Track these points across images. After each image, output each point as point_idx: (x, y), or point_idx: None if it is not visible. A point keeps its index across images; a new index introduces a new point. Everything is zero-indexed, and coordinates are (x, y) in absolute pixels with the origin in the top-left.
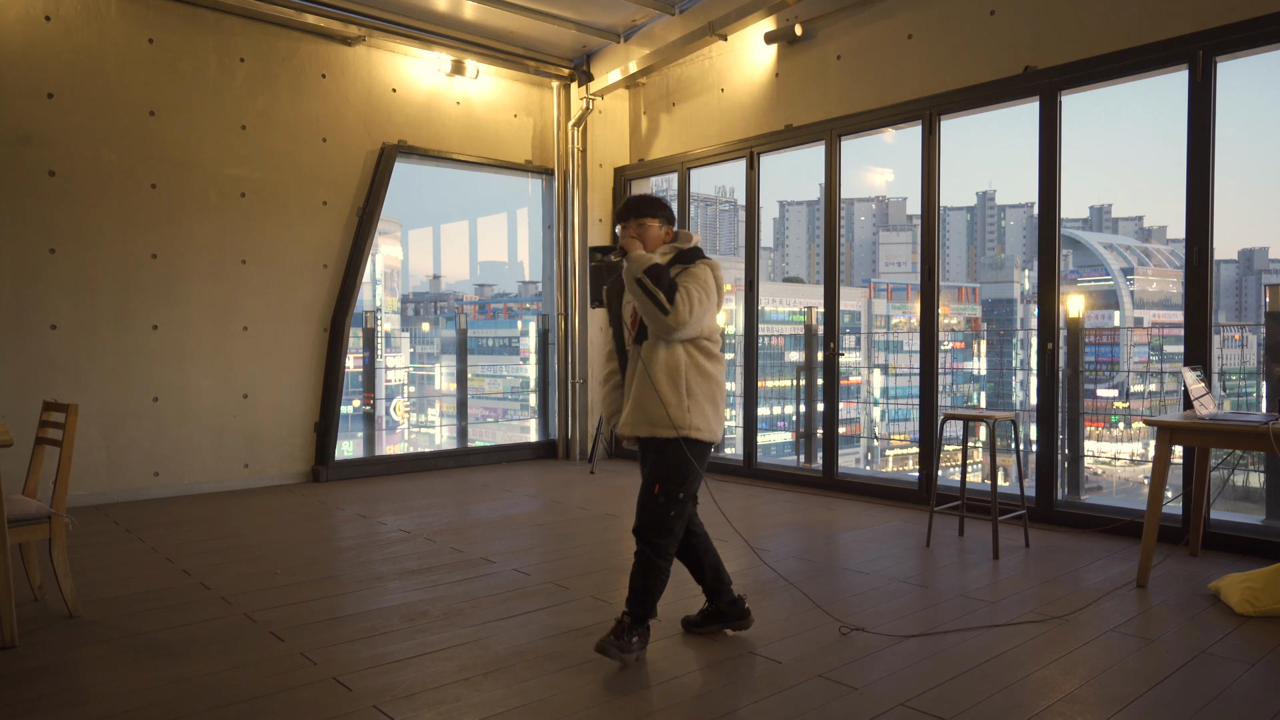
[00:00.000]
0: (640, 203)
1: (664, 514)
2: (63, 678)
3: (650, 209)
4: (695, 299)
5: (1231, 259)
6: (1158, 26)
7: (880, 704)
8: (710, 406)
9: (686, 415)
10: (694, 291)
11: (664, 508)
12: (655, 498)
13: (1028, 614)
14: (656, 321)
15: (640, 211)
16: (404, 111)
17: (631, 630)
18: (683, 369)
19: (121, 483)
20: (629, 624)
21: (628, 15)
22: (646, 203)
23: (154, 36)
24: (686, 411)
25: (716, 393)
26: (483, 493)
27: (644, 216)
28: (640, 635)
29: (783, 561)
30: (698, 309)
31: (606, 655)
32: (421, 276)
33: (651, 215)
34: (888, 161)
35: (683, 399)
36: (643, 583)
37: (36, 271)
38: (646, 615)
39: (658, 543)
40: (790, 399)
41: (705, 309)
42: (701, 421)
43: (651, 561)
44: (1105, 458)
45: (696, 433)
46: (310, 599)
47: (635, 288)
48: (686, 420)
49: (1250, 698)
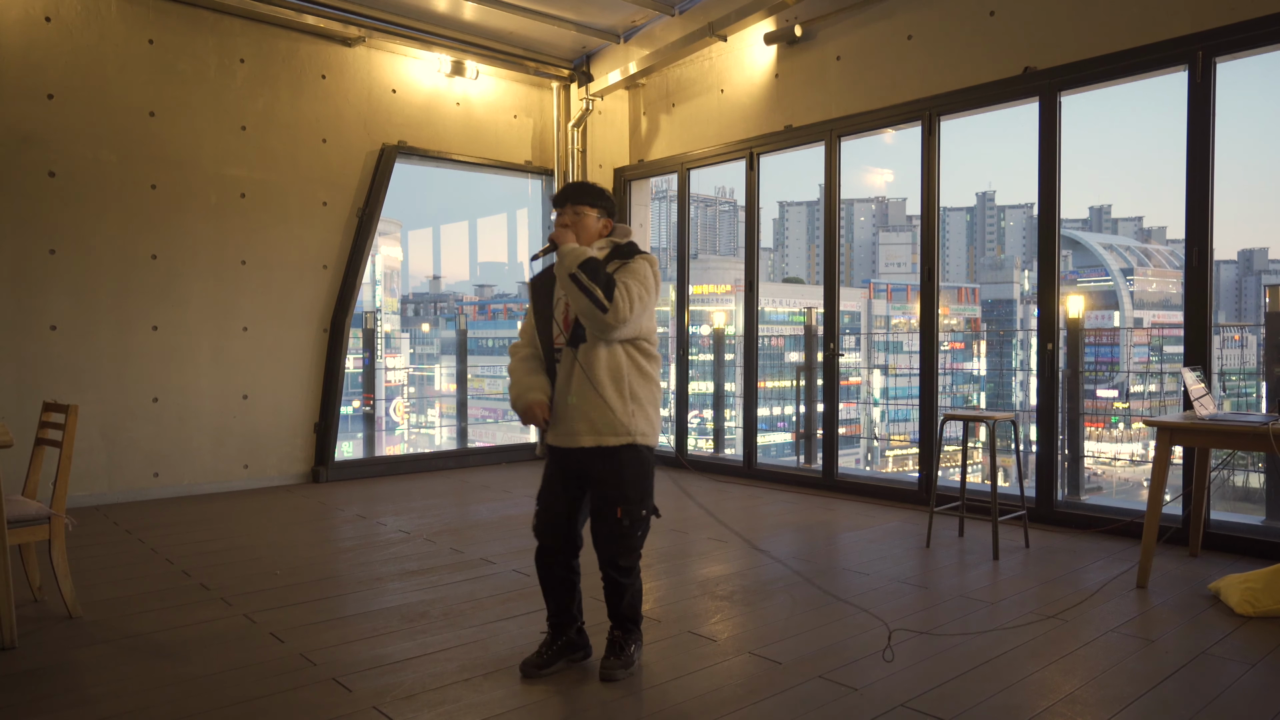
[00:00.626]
0: (578, 189)
1: (630, 537)
2: (62, 678)
3: (589, 197)
4: (635, 295)
5: (1231, 259)
6: (1157, 27)
7: (880, 704)
8: (653, 409)
9: (632, 419)
10: (634, 288)
11: (630, 530)
12: (619, 523)
13: (1028, 614)
14: (594, 320)
15: (577, 198)
16: (404, 112)
17: (626, 642)
18: (625, 371)
19: (121, 483)
20: (621, 638)
21: (627, 16)
22: (585, 190)
23: (154, 37)
24: (631, 416)
25: (657, 395)
26: (482, 493)
27: (581, 204)
28: (636, 644)
29: (783, 562)
30: (638, 306)
31: (615, 680)
32: (421, 277)
33: (590, 204)
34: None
35: (627, 402)
36: (622, 603)
37: (36, 272)
38: (639, 624)
39: (627, 566)
40: (790, 399)
41: (645, 306)
42: (646, 425)
43: (622, 585)
44: (1105, 458)
45: (643, 438)
46: (310, 600)
47: (570, 284)
48: (633, 424)
49: (1250, 698)
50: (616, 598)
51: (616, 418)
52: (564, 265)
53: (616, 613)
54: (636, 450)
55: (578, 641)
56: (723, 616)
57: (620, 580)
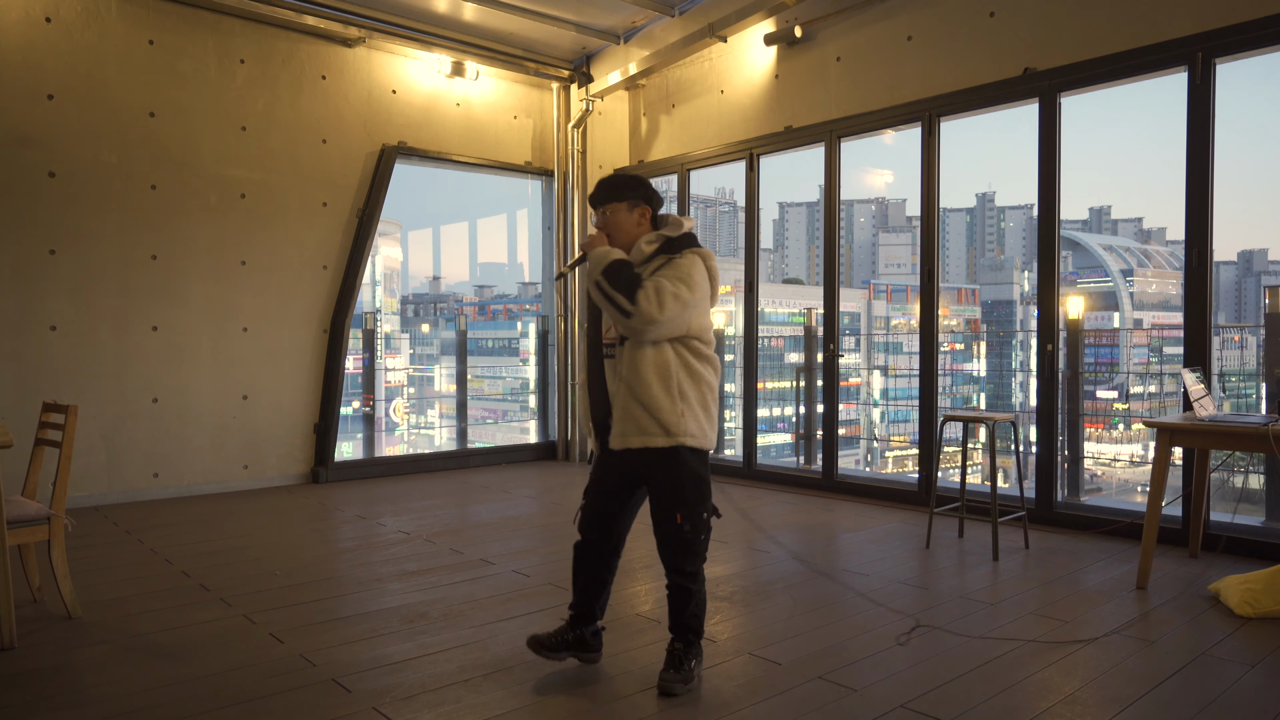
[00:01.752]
0: (603, 188)
1: (693, 541)
2: (62, 679)
3: (618, 191)
4: (668, 294)
5: (1231, 260)
6: (1157, 28)
7: (880, 705)
8: (703, 411)
9: (681, 420)
10: (667, 286)
11: (691, 535)
12: (679, 529)
13: (1027, 615)
14: (621, 325)
15: (606, 197)
16: (404, 113)
17: (687, 655)
18: (673, 369)
19: (121, 484)
20: (682, 651)
21: (627, 17)
22: (614, 185)
23: (154, 38)
24: (681, 416)
25: (709, 397)
26: (482, 494)
27: (609, 202)
28: (698, 660)
29: (782, 563)
30: (671, 305)
31: (673, 695)
32: (421, 278)
33: (618, 199)
34: (887, 163)
35: (675, 402)
36: (687, 612)
37: (36, 272)
38: (700, 636)
39: (692, 571)
40: (790, 400)
41: (684, 305)
42: (696, 427)
43: (689, 590)
44: (1105, 459)
45: (692, 439)
46: (310, 600)
47: (595, 292)
48: (681, 425)
49: (1250, 699)
50: (681, 604)
51: (664, 418)
52: (590, 274)
53: (679, 622)
54: (689, 453)
55: (592, 643)
56: (723, 617)
57: (687, 586)
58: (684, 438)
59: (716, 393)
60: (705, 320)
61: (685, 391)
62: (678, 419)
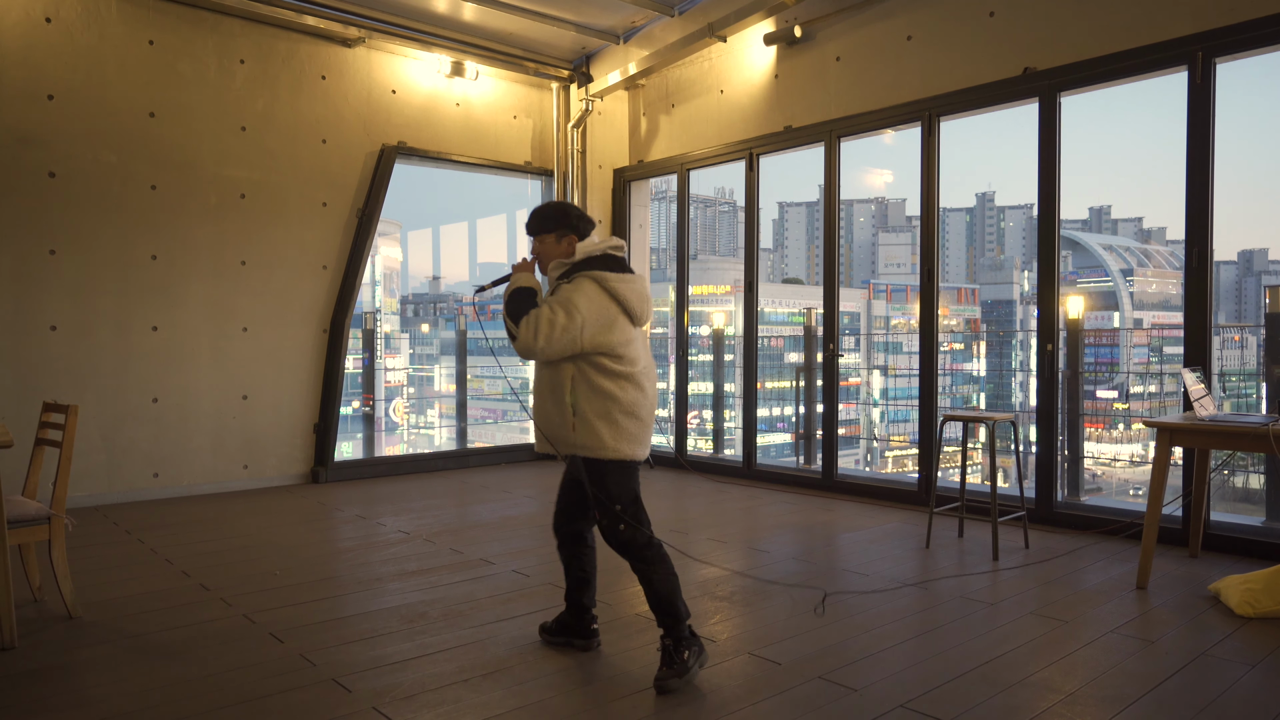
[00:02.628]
0: (532, 218)
1: (613, 532)
2: (62, 679)
3: (542, 223)
4: (544, 320)
5: (1231, 260)
6: (1157, 28)
7: (880, 705)
8: (605, 424)
9: (573, 433)
10: (545, 314)
11: (609, 528)
12: (600, 522)
13: (1027, 615)
14: (515, 348)
15: (533, 228)
16: (403, 113)
17: (677, 650)
18: (566, 387)
19: (121, 484)
20: (671, 647)
21: (627, 17)
22: (539, 216)
23: (154, 38)
24: (571, 430)
25: (614, 410)
26: (482, 494)
27: (538, 233)
28: (690, 650)
29: (782, 563)
30: (545, 330)
31: (669, 692)
32: (421, 277)
33: (545, 230)
34: (887, 163)
35: (566, 415)
36: (657, 593)
37: (36, 273)
38: (680, 623)
39: (637, 553)
40: (790, 400)
41: (563, 330)
42: (591, 439)
43: (646, 571)
44: (1105, 459)
45: (586, 450)
46: (310, 600)
47: (504, 314)
48: (571, 438)
49: (1250, 699)
50: (644, 587)
51: (553, 432)
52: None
53: (652, 604)
54: (588, 462)
55: (577, 627)
56: (723, 617)
57: (638, 568)
58: (577, 450)
59: (631, 409)
60: (608, 337)
61: (580, 407)
62: (568, 432)
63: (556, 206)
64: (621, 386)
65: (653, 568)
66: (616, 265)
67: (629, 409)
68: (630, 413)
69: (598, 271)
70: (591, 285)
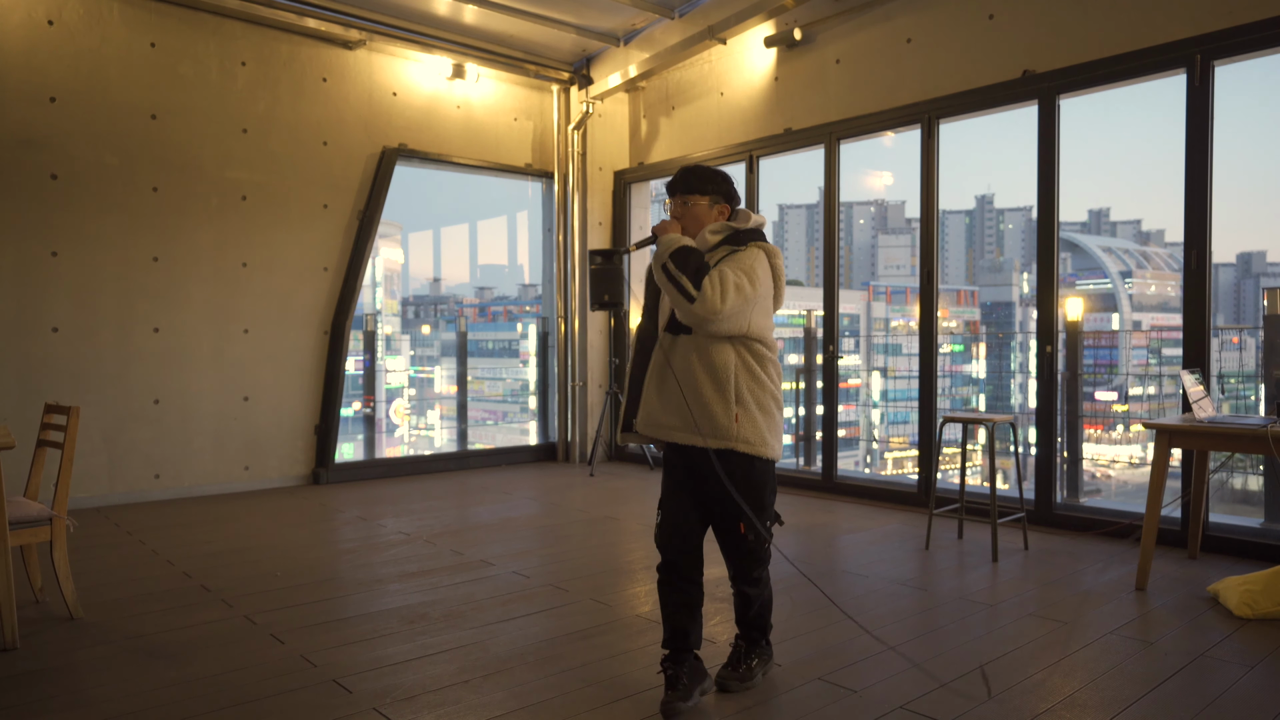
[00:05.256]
0: (685, 176)
1: (757, 551)
2: (64, 680)
3: (699, 184)
4: (731, 285)
5: (1230, 262)
6: (1155, 31)
7: (880, 707)
8: (763, 416)
9: (734, 425)
10: (730, 276)
11: (756, 545)
12: (743, 539)
13: (1027, 617)
14: (683, 311)
15: (687, 187)
16: (404, 115)
17: (748, 654)
18: (731, 370)
19: (122, 485)
20: (744, 650)
21: (627, 19)
22: (695, 176)
23: (155, 40)
24: (734, 420)
25: (770, 403)
26: (482, 495)
27: (691, 193)
28: (760, 658)
29: (782, 564)
30: (733, 297)
31: (728, 690)
32: (422, 279)
33: (700, 192)
34: (887, 165)
35: (730, 405)
36: (759, 613)
37: (38, 274)
38: (765, 634)
39: (757, 576)
40: (789, 401)
41: (745, 298)
42: (752, 433)
43: (748, 596)
44: (1104, 460)
45: (746, 445)
46: (310, 601)
47: (660, 274)
48: (733, 430)
49: (1249, 700)
50: (742, 609)
51: (717, 421)
52: (658, 256)
53: (743, 620)
54: (742, 459)
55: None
56: (723, 619)
57: (745, 591)
58: (736, 443)
59: (780, 400)
60: (766, 321)
61: (742, 395)
62: (730, 423)
63: (714, 170)
64: (773, 377)
65: (765, 589)
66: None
67: (780, 402)
68: (780, 406)
69: (767, 244)
70: (765, 258)
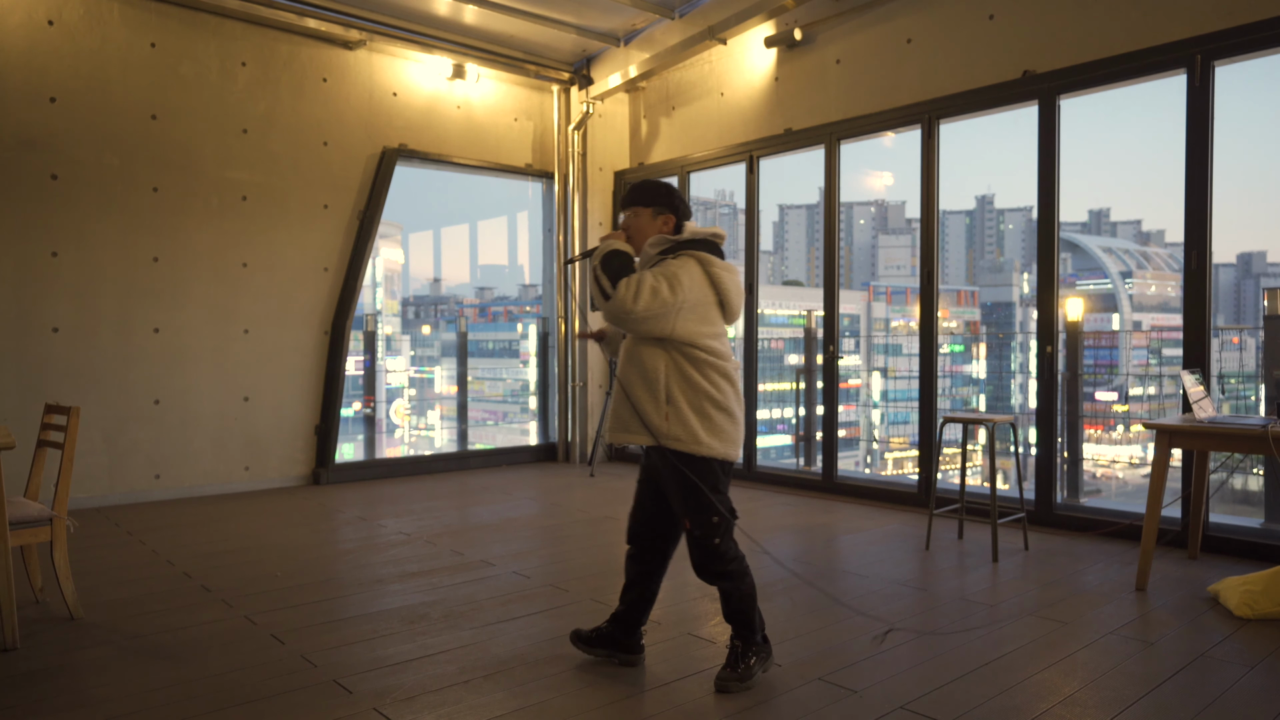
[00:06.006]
0: (632, 190)
1: (706, 545)
2: (64, 680)
3: (642, 197)
4: (647, 288)
5: (1230, 263)
6: (1156, 31)
7: (880, 707)
8: (698, 418)
9: (665, 424)
10: (649, 280)
11: (702, 539)
12: (690, 534)
13: (1027, 617)
14: (603, 310)
15: (632, 200)
16: (405, 115)
17: (745, 653)
18: (662, 374)
19: (123, 485)
20: (740, 649)
21: (628, 19)
22: (639, 190)
23: (156, 41)
24: (665, 420)
25: (708, 406)
26: (482, 496)
27: (635, 205)
28: (758, 656)
29: (779, 564)
30: (646, 298)
31: (727, 691)
32: (422, 280)
33: (644, 204)
34: (887, 165)
35: (660, 405)
36: (738, 608)
37: (38, 275)
38: (756, 632)
39: (717, 571)
40: (790, 402)
41: (665, 303)
42: (683, 431)
43: (731, 588)
44: (1104, 461)
45: (678, 443)
46: (311, 601)
47: (590, 276)
48: (665, 428)
49: (1249, 701)
50: (724, 604)
51: (648, 420)
52: (593, 260)
53: (727, 616)
54: (677, 456)
55: (629, 644)
56: (722, 619)
57: (718, 586)
58: (668, 440)
59: (725, 404)
60: (701, 327)
61: (674, 396)
62: (661, 421)
63: (660, 184)
64: (714, 380)
65: (738, 583)
66: (716, 252)
67: (723, 404)
68: (724, 408)
69: (703, 253)
70: (696, 266)
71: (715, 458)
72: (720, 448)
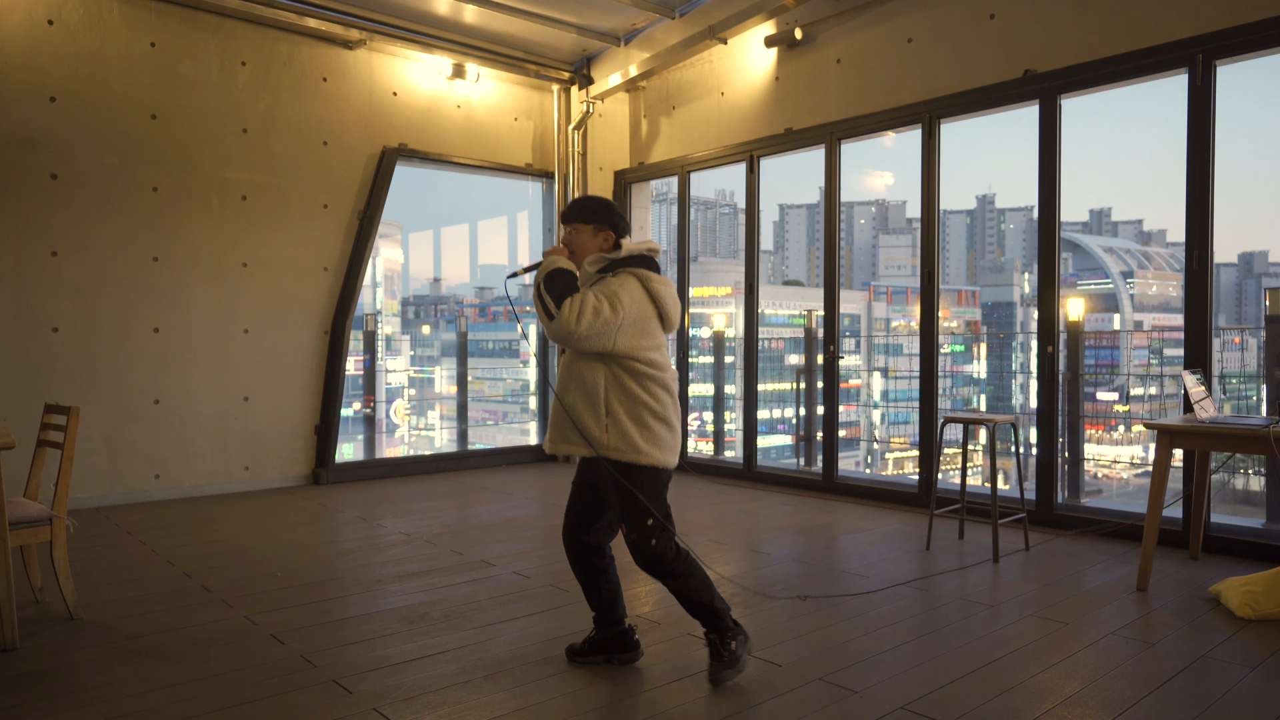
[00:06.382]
0: (572, 207)
1: (643, 548)
2: (64, 680)
3: (583, 214)
4: (590, 308)
5: (1231, 262)
6: (1157, 30)
7: (881, 707)
8: (636, 428)
9: (604, 435)
10: (591, 300)
11: (639, 543)
12: (628, 537)
13: (1028, 617)
14: (547, 330)
15: (573, 216)
16: (405, 115)
17: (723, 644)
18: (601, 387)
19: (122, 485)
20: (717, 641)
21: (628, 19)
22: (580, 207)
23: (156, 40)
24: (605, 431)
25: (646, 415)
26: (482, 496)
27: (576, 222)
28: (737, 640)
29: (782, 565)
30: (589, 318)
31: (722, 684)
32: (422, 279)
33: (584, 220)
34: (887, 165)
35: (600, 417)
36: (693, 603)
37: (38, 274)
38: (723, 619)
39: (661, 571)
40: (790, 402)
41: (606, 322)
42: (621, 441)
43: (680, 586)
44: (1105, 461)
45: (616, 453)
46: (310, 601)
47: (534, 295)
48: (604, 440)
49: (1250, 701)
50: (680, 601)
51: (586, 431)
52: (536, 278)
53: (691, 613)
54: (614, 465)
55: (620, 642)
56: None
57: (666, 585)
58: (607, 450)
59: (663, 414)
60: (641, 341)
61: (613, 408)
62: (601, 433)
63: (600, 200)
64: (653, 392)
65: (685, 581)
66: (653, 267)
67: (661, 414)
68: (662, 418)
69: (641, 270)
70: (635, 283)
71: (653, 465)
72: (659, 455)
